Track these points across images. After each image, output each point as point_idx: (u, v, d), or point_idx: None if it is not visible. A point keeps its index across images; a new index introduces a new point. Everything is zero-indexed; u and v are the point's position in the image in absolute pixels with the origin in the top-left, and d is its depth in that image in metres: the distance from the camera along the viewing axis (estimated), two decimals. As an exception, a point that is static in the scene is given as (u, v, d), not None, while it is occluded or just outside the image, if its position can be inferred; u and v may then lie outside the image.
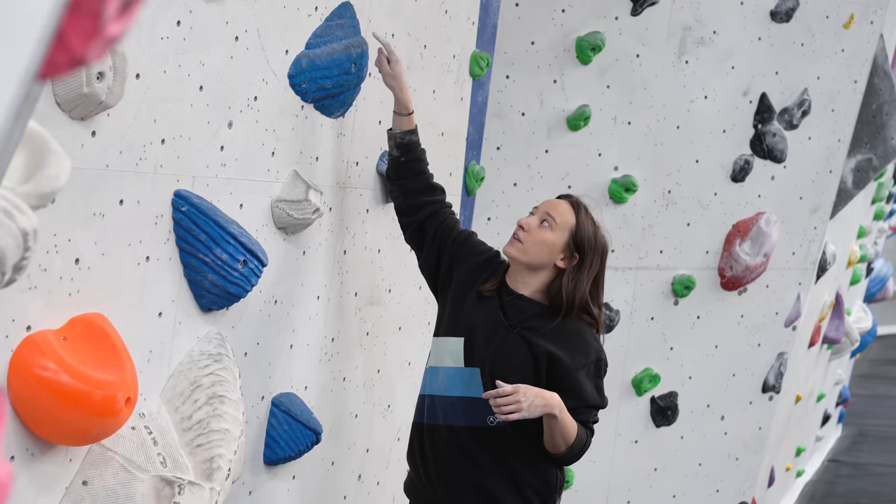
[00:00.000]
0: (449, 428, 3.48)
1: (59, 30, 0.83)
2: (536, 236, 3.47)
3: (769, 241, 5.52)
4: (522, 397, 3.27)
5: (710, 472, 5.75)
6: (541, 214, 3.51)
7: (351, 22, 3.45)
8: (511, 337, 3.46)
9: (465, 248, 3.63)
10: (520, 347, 3.45)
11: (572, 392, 3.42)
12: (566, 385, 3.41)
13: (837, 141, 5.73)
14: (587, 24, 5.09)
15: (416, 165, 3.65)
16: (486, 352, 3.46)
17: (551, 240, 3.47)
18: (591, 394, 3.46)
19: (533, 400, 3.29)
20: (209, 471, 2.80)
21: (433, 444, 3.52)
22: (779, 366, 5.80)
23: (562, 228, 3.48)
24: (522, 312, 3.48)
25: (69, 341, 2.50)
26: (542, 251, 3.47)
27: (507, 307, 3.49)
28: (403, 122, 3.63)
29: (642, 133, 5.28)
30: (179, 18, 2.72)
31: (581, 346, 3.46)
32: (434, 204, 3.66)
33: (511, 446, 3.45)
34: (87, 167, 2.51)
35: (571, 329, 3.47)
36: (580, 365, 3.44)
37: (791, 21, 5.44)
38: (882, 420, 11.52)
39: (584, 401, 3.44)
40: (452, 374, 3.49)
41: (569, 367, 3.43)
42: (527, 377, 3.39)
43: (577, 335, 3.47)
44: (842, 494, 8.68)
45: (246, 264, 3.00)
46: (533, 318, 3.47)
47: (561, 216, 3.49)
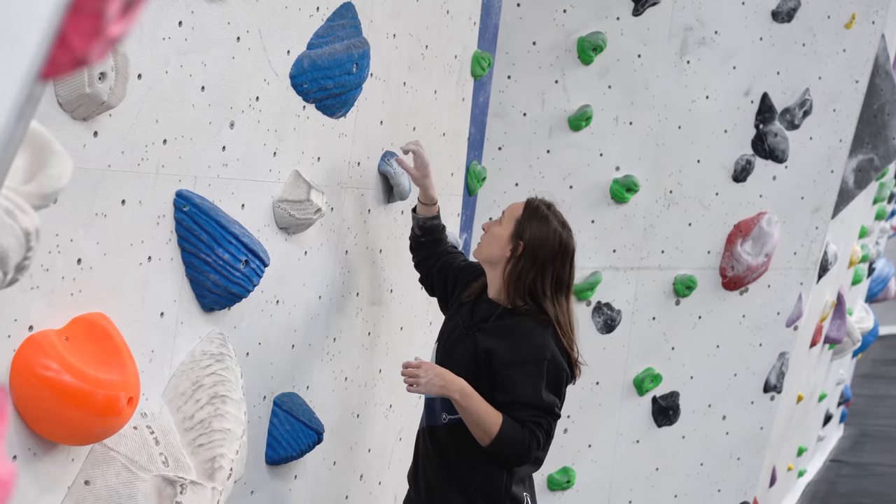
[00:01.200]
0: (421, 430, 3.60)
1: (61, 30, 0.83)
2: (490, 232, 3.60)
3: (771, 241, 5.52)
4: (423, 373, 3.36)
5: (711, 471, 5.75)
6: (500, 214, 3.65)
7: (352, 22, 3.45)
8: (465, 338, 3.52)
9: (460, 273, 3.80)
10: (468, 347, 3.49)
11: (504, 387, 3.40)
12: (499, 379, 3.40)
13: (839, 141, 5.73)
14: (588, 24, 5.09)
15: (434, 245, 3.90)
16: (446, 354, 3.56)
17: (499, 232, 3.56)
18: (527, 391, 3.38)
19: (432, 378, 3.36)
20: (211, 470, 2.80)
21: (417, 448, 3.64)
22: (780, 366, 5.80)
23: (508, 221, 3.56)
24: (481, 312, 3.55)
25: (71, 341, 2.50)
26: (493, 244, 3.56)
27: (473, 309, 3.58)
28: (428, 210, 3.88)
29: (644, 133, 5.28)
30: (181, 19, 2.73)
31: (520, 342, 3.43)
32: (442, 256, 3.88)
33: (454, 445, 3.46)
34: (89, 167, 2.52)
35: (517, 326, 3.46)
36: (516, 360, 3.41)
37: (792, 21, 5.44)
38: (884, 420, 11.51)
39: (516, 397, 3.38)
40: None
41: (501, 361, 3.41)
42: (467, 375, 3.40)
43: (522, 332, 3.45)
44: (843, 494, 8.68)
45: (248, 264, 3.00)
46: (487, 318, 3.51)
47: (510, 211, 3.59)
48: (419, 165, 3.81)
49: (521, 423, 3.36)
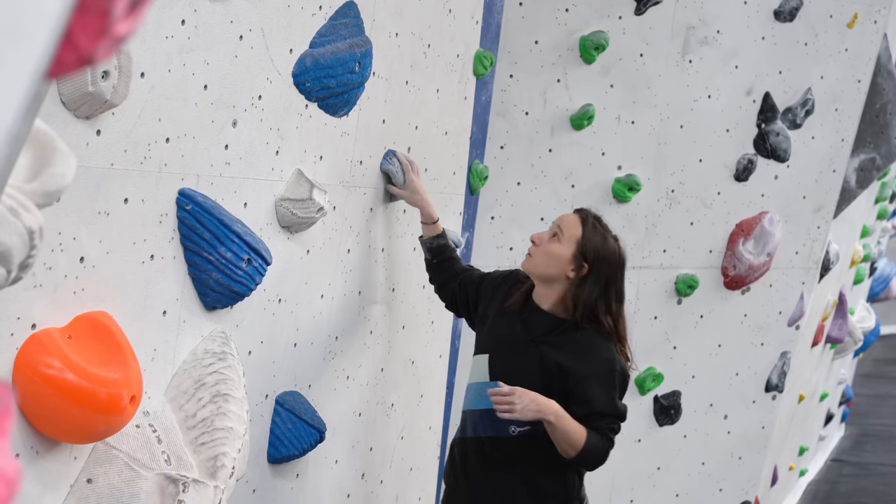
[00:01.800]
0: (478, 440, 3.67)
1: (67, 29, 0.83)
2: (546, 248, 3.64)
3: (772, 240, 5.52)
4: (517, 399, 3.44)
5: (713, 471, 5.75)
6: (552, 228, 3.69)
7: (355, 21, 3.45)
8: (529, 350, 3.63)
9: (485, 283, 3.88)
10: (534, 361, 3.60)
11: (581, 399, 3.55)
12: (575, 394, 3.55)
13: (841, 140, 5.73)
14: (591, 23, 5.09)
15: (447, 264, 3.96)
16: (507, 366, 3.63)
17: (559, 252, 3.62)
18: (602, 402, 3.55)
19: (527, 404, 3.45)
20: (213, 469, 2.80)
21: (466, 456, 3.72)
22: (782, 365, 5.80)
23: (569, 240, 3.63)
24: (539, 326, 3.65)
25: (74, 339, 2.51)
26: (551, 263, 3.63)
27: (527, 321, 3.67)
28: (432, 229, 3.95)
29: (646, 132, 5.28)
30: (184, 17, 2.73)
31: (593, 358, 3.59)
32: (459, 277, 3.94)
33: (532, 455, 3.59)
34: (92, 166, 2.52)
35: (584, 340, 3.60)
36: (589, 374, 3.56)
37: (794, 20, 5.44)
38: (885, 420, 11.51)
39: (594, 409, 3.54)
40: (479, 388, 3.67)
41: (577, 376, 3.55)
42: (539, 388, 3.53)
43: (589, 346, 3.60)
44: (845, 494, 8.68)
45: (250, 263, 3.00)
46: (549, 332, 3.63)
47: (568, 229, 3.65)
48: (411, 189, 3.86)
49: (599, 432, 3.54)
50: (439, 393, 4.69)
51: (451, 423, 5.07)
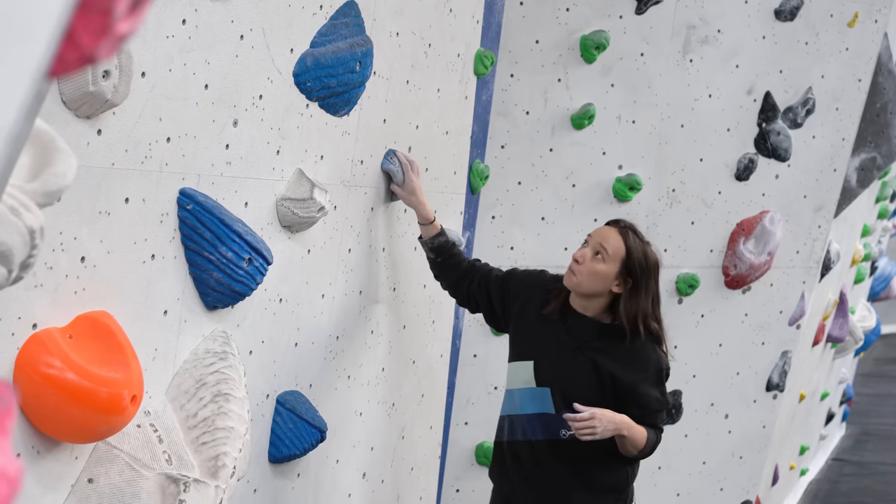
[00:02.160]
0: (528, 443, 3.82)
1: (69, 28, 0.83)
2: (590, 268, 3.75)
3: (773, 239, 5.52)
4: (598, 423, 3.62)
5: (713, 470, 5.75)
6: (594, 246, 3.78)
7: (356, 20, 3.45)
8: (577, 357, 3.77)
9: (511, 282, 3.96)
10: (585, 367, 3.76)
11: (638, 403, 3.75)
12: (631, 399, 3.75)
13: (842, 139, 5.73)
14: (591, 22, 5.09)
15: (451, 261, 4.01)
16: (555, 373, 3.77)
17: (604, 271, 3.75)
18: (655, 400, 3.79)
19: (606, 425, 3.64)
20: (214, 468, 2.80)
21: (517, 458, 3.86)
22: (783, 364, 5.80)
23: (613, 259, 3.75)
24: (586, 333, 3.79)
25: (75, 339, 2.51)
26: (596, 281, 3.75)
27: (572, 329, 3.79)
28: (430, 229, 3.99)
29: (647, 132, 5.28)
30: (185, 17, 2.73)
31: (640, 362, 3.77)
32: (470, 273, 4.01)
33: (584, 454, 3.75)
34: (93, 165, 2.52)
35: (631, 348, 3.76)
36: (641, 379, 3.76)
37: (795, 20, 5.44)
38: (886, 419, 11.51)
39: (649, 409, 3.77)
40: (526, 394, 3.82)
41: (630, 384, 3.75)
42: (592, 394, 3.72)
43: (638, 352, 3.77)
44: (845, 493, 8.68)
45: (251, 262, 3.00)
46: (596, 339, 3.78)
47: (612, 247, 3.76)
48: (409, 190, 3.89)
49: (654, 428, 3.78)
50: (440, 392, 4.69)
51: (452, 423, 5.08)
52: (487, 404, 5.20)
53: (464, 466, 5.20)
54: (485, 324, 5.15)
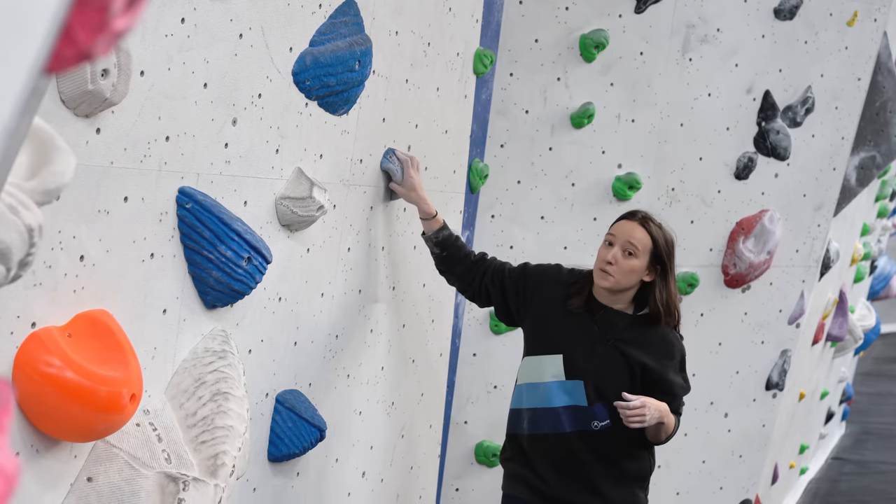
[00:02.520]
0: (557, 435, 3.90)
1: (66, 24, 0.83)
2: (624, 266, 3.86)
3: (773, 238, 5.52)
4: (647, 412, 3.76)
5: (713, 469, 5.75)
6: (622, 245, 3.87)
7: (355, 19, 3.45)
8: (608, 349, 3.87)
9: (527, 276, 4.02)
10: (616, 359, 3.87)
11: (666, 390, 3.89)
12: (661, 388, 3.88)
13: (841, 138, 5.73)
14: (591, 21, 5.09)
15: (457, 254, 4.04)
16: (588, 366, 3.86)
17: (638, 266, 3.88)
18: (681, 386, 3.96)
19: (653, 413, 3.78)
20: (214, 467, 2.80)
21: (539, 450, 3.94)
22: (782, 363, 5.80)
23: (643, 252, 3.87)
24: (615, 326, 3.90)
25: (74, 338, 2.51)
26: (631, 277, 3.88)
27: (599, 321, 3.90)
28: (432, 224, 4.01)
29: (646, 131, 5.28)
30: (184, 16, 2.73)
31: (667, 349, 3.92)
32: (481, 267, 4.05)
33: (613, 444, 3.89)
34: (92, 164, 2.52)
35: (657, 336, 3.91)
36: (669, 366, 3.91)
37: (794, 19, 5.44)
38: (886, 418, 11.51)
39: (676, 395, 3.93)
40: (555, 387, 3.90)
41: (659, 372, 3.88)
42: (624, 384, 3.84)
43: (663, 340, 3.92)
44: (845, 492, 8.68)
45: (250, 261, 3.00)
46: (624, 330, 3.90)
47: (640, 242, 3.88)
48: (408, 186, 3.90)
49: (678, 414, 3.94)
50: (440, 391, 4.69)
51: (452, 422, 5.08)
52: (487, 403, 5.20)
53: (463, 465, 5.20)
54: (484, 323, 5.15)
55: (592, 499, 3.92)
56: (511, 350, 5.18)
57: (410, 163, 3.89)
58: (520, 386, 3.98)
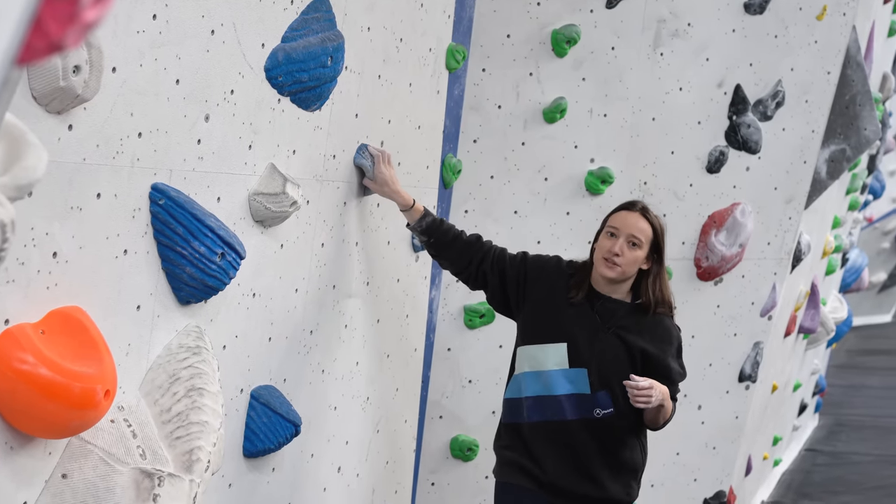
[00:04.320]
0: (559, 423, 3.96)
1: (37, 15, 0.84)
2: (630, 257, 3.97)
3: (745, 231, 5.56)
4: (654, 393, 3.85)
5: (687, 461, 5.79)
6: (626, 236, 3.97)
7: (327, 15, 3.46)
8: (609, 338, 3.97)
9: (528, 266, 4.08)
10: (617, 346, 3.96)
11: (664, 375, 3.99)
12: (660, 372, 3.97)
13: (811, 132, 5.77)
14: (562, 16, 5.11)
15: (445, 238, 4.06)
16: (591, 354, 3.95)
17: (641, 256, 3.99)
18: (678, 372, 4.05)
19: (658, 396, 3.87)
20: (189, 463, 2.81)
21: (539, 438, 3.99)
22: (755, 355, 5.84)
23: (646, 242, 4.00)
24: (614, 314, 3.99)
25: (47, 334, 2.50)
26: (634, 266, 3.99)
27: (599, 311, 3.99)
28: (412, 214, 4.03)
29: (618, 125, 5.30)
30: (155, 12, 2.73)
31: (665, 335, 4.03)
32: (478, 249, 4.08)
33: (612, 432, 3.97)
34: (64, 161, 2.52)
35: (655, 322, 4.02)
36: (667, 353, 4.01)
37: (764, 13, 5.47)
38: (858, 410, 11.59)
39: (673, 381, 4.02)
40: (559, 375, 3.97)
41: (659, 358, 3.98)
42: (626, 371, 3.93)
43: (661, 326, 4.03)
44: (819, 483, 8.74)
45: (224, 257, 3.00)
46: (623, 318, 3.99)
47: (643, 233, 3.99)
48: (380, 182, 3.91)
49: (674, 399, 4.02)
50: (415, 386, 4.70)
51: (427, 417, 5.09)
52: (462, 398, 5.21)
53: (439, 460, 5.22)
54: (458, 318, 5.17)
55: (589, 487, 3.98)
56: (485, 345, 5.19)
57: (381, 158, 3.90)
58: (518, 375, 4.03)
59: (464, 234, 4.10)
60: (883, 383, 13.18)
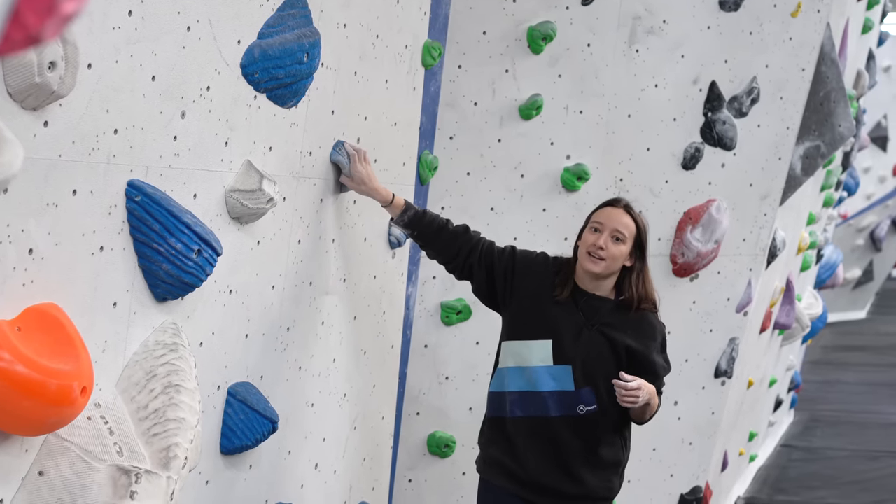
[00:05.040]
0: (542, 419, 3.99)
1: (14, 7, 0.84)
2: (614, 252, 4.01)
3: (720, 227, 5.58)
4: (641, 393, 3.87)
5: (664, 456, 5.81)
6: (610, 231, 4.02)
7: (303, 12, 3.46)
8: (593, 335, 4.00)
9: (516, 260, 4.12)
10: (601, 343, 3.99)
11: (648, 371, 4.00)
12: (645, 368, 4.00)
13: (786, 128, 5.80)
14: (538, 13, 5.12)
15: (430, 229, 4.08)
16: (576, 351, 3.97)
17: (624, 251, 4.04)
18: (662, 367, 4.08)
19: (645, 395, 3.89)
20: (166, 459, 2.80)
21: (522, 433, 4.02)
22: (731, 351, 5.86)
23: (630, 238, 4.05)
24: (598, 311, 4.02)
25: (23, 331, 2.50)
26: (618, 262, 4.03)
27: (583, 308, 4.01)
28: (394, 209, 4.06)
29: (594, 122, 5.31)
30: (131, 8, 2.72)
31: (649, 331, 4.05)
32: (467, 241, 4.11)
33: (595, 429, 3.99)
34: (40, 157, 2.51)
35: (639, 318, 4.04)
36: (651, 348, 4.03)
37: (739, 10, 5.49)
38: (833, 405, 11.66)
39: (658, 376, 4.05)
40: (544, 371, 4.00)
41: (643, 353, 4.01)
42: (611, 368, 3.97)
43: (645, 322, 4.05)
44: (794, 479, 8.78)
45: (200, 254, 3.00)
46: (608, 315, 4.02)
47: (627, 229, 4.04)
48: (357, 180, 3.92)
49: (659, 393, 4.03)
50: (392, 383, 4.71)
51: (404, 413, 5.09)
52: (439, 394, 5.22)
53: (416, 457, 5.22)
54: (435, 314, 5.17)
55: (570, 484, 4.00)
56: (462, 341, 5.20)
57: (357, 155, 3.90)
58: (502, 369, 4.05)
59: (450, 223, 4.11)
60: (858, 379, 13.26)
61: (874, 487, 8.47)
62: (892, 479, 8.73)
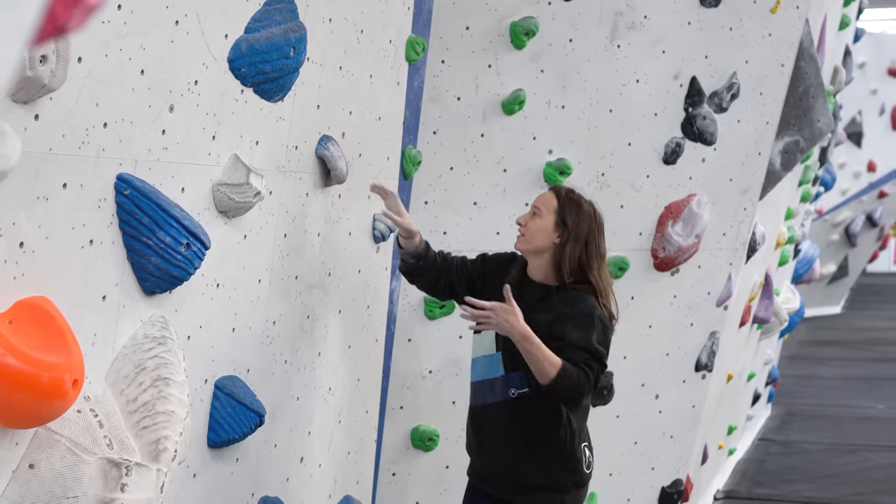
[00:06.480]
0: (485, 407, 4.03)
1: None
2: (532, 227, 4.02)
3: (700, 222, 5.61)
4: (493, 315, 3.79)
5: (645, 450, 5.84)
6: (532, 209, 4.07)
7: (289, 6, 3.47)
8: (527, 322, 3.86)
9: (486, 264, 4.20)
10: (534, 330, 3.86)
11: (557, 335, 3.86)
12: (553, 333, 3.86)
13: (766, 123, 5.84)
14: (521, 9, 5.14)
15: (427, 261, 4.19)
16: (504, 336, 3.91)
17: (542, 225, 4.01)
18: (578, 336, 3.86)
19: (500, 321, 3.79)
20: (155, 452, 2.81)
21: (473, 425, 4.10)
22: (711, 345, 5.90)
23: (548, 212, 4.02)
24: (532, 296, 3.99)
25: (14, 325, 2.50)
26: (539, 236, 4.00)
27: (522, 294, 3.98)
28: (411, 241, 4.18)
29: (576, 117, 5.34)
30: (120, 2, 2.73)
31: (570, 306, 3.92)
32: (444, 267, 4.21)
33: (530, 414, 3.93)
34: (31, 151, 2.51)
35: (572, 298, 3.95)
36: (566, 321, 3.88)
37: (719, 6, 5.53)
38: (810, 400, 11.74)
39: (569, 341, 3.85)
40: (483, 360, 4.05)
41: (557, 327, 3.87)
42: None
43: (569, 300, 3.95)
44: (772, 472, 8.84)
45: (189, 247, 3.01)
46: (540, 299, 3.98)
47: (545, 203, 4.04)
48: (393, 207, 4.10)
49: (574, 365, 3.81)
50: (376, 377, 4.72)
51: (388, 407, 5.11)
52: (423, 388, 5.23)
53: (400, 450, 5.24)
54: (419, 309, 5.19)
55: (517, 474, 3.98)
56: (445, 335, 5.22)
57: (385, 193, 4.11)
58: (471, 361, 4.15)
59: (439, 255, 4.24)
60: (833, 373, 13.35)
61: (851, 481, 8.54)
62: (869, 472, 8.80)
